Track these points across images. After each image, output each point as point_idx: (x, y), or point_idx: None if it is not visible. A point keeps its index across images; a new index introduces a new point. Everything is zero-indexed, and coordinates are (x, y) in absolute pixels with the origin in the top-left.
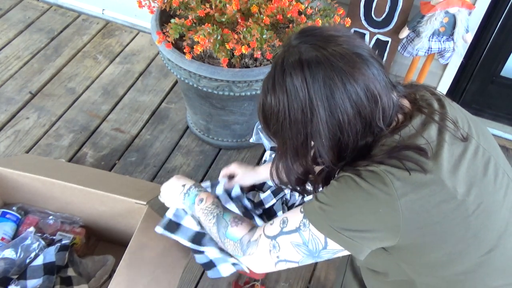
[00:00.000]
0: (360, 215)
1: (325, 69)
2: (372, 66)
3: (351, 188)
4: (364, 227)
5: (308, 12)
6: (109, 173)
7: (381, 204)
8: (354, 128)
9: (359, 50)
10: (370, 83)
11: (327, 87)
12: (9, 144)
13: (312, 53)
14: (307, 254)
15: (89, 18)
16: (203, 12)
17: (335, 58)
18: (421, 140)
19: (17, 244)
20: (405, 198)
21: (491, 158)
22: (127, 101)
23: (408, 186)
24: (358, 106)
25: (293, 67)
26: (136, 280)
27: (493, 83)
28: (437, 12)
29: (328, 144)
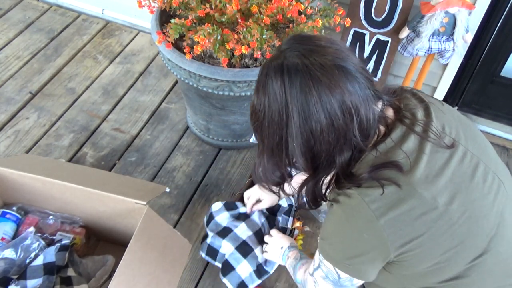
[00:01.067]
0: (350, 243)
1: (303, 77)
2: (353, 80)
3: (336, 220)
4: (357, 252)
5: (308, 12)
6: (109, 173)
7: (363, 229)
8: (327, 137)
9: (344, 63)
10: (347, 97)
11: (303, 94)
12: (9, 144)
13: (294, 60)
14: (334, 284)
15: (89, 18)
16: (203, 12)
17: (315, 68)
18: (399, 153)
19: (17, 244)
20: (384, 218)
21: (479, 163)
22: (127, 101)
23: (385, 206)
24: (331, 117)
25: (275, 71)
26: (136, 280)
27: (493, 83)
28: (437, 12)
29: (301, 149)
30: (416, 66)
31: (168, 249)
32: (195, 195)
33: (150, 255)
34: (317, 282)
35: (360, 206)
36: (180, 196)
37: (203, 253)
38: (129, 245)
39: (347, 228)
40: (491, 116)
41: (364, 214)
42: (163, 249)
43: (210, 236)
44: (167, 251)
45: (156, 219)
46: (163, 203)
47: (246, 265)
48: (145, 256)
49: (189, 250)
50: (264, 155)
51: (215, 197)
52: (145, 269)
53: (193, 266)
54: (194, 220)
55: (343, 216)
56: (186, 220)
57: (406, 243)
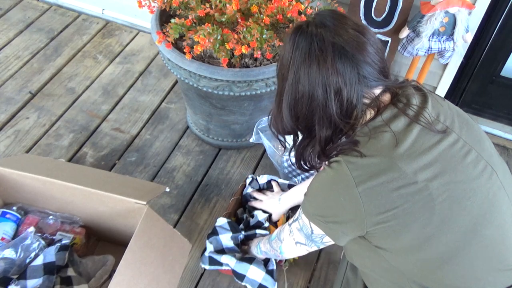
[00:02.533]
0: (327, 203)
1: (306, 44)
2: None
3: (320, 179)
4: (332, 213)
5: (308, 12)
6: (109, 173)
7: (341, 193)
8: (307, 105)
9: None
10: (331, 76)
11: (300, 59)
12: (9, 144)
13: (309, 28)
14: (306, 237)
15: (89, 18)
16: (203, 12)
17: (317, 40)
18: (387, 130)
19: (17, 244)
20: (363, 186)
21: (471, 150)
22: (127, 101)
23: (366, 175)
24: (313, 89)
25: (293, 31)
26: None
27: (493, 83)
28: (437, 12)
29: (288, 105)
30: (416, 66)
31: (168, 249)
32: (195, 195)
33: (150, 255)
34: (292, 232)
35: (343, 171)
36: (180, 196)
37: (206, 265)
38: (129, 245)
39: (327, 188)
40: (491, 116)
41: (345, 179)
42: (163, 249)
43: (208, 250)
44: (167, 251)
45: (156, 219)
46: (163, 203)
47: (256, 269)
48: (145, 256)
49: (189, 250)
50: (274, 100)
51: (215, 197)
52: (145, 269)
53: (193, 266)
54: (194, 220)
55: (327, 178)
56: (186, 220)
57: (381, 213)
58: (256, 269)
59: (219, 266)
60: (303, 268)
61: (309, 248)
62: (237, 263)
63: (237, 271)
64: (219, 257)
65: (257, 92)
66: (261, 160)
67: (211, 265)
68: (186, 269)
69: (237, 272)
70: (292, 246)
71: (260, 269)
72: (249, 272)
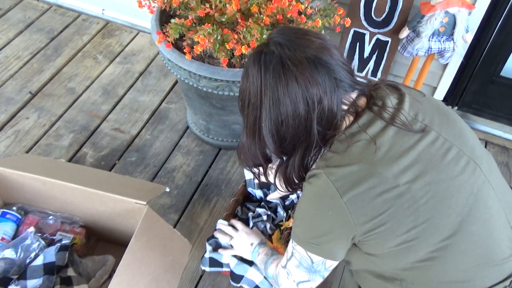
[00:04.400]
0: (316, 222)
1: (275, 65)
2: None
3: (305, 200)
4: (323, 230)
5: (308, 12)
6: (109, 173)
7: (328, 207)
8: (292, 123)
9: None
10: (311, 87)
11: (274, 80)
12: (9, 144)
13: (273, 48)
14: (307, 271)
15: (89, 18)
16: (203, 12)
17: (287, 57)
18: (364, 136)
19: (17, 244)
20: (347, 195)
21: (452, 147)
22: (127, 101)
23: (348, 184)
24: (295, 104)
25: (255, 57)
26: (136, 280)
27: (493, 83)
28: (437, 12)
29: (270, 131)
30: (416, 66)
31: (168, 249)
32: (195, 195)
33: (150, 255)
34: (290, 273)
35: (326, 184)
36: (180, 196)
37: (207, 267)
38: (129, 245)
39: (313, 206)
40: (491, 116)
41: (329, 192)
42: (163, 249)
43: (208, 251)
44: (167, 251)
45: (156, 219)
46: (163, 203)
47: (255, 272)
48: (145, 256)
49: (189, 250)
50: (244, 134)
51: (215, 197)
52: (145, 269)
53: (193, 267)
54: (194, 220)
55: (310, 195)
56: (186, 220)
57: (369, 221)
58: (255, 272)
59: (219, 268)
60: None
61: (313, 283)
62: (238, 263)
63: (236, 273)
64: (220, 257)
65: None
66: None
67: (212, 267)
68: (186, 269)
69: (236, 273)
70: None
71: (259, 272)
72: (248, 273)
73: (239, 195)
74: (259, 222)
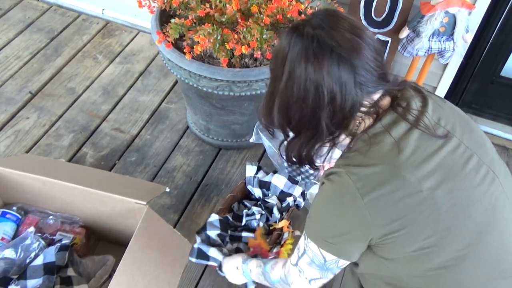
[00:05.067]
0: (335, 221)
1: (303, 45)
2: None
3: (323, 197)
4: (340, 231)
5: (308, 12)
6: (109, 173)
7: (347, 207)
8: (300, 107)
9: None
10: (326, 81)
11: (296, 60)
12: (9, 144)
13: (308, 27)
14: (320, 269)
15: (89, 18)
16: (203, 12)
17: (315, 43)
18: (388, 137)
19: (17, 244)
20: (368, 197)
21: (473, 155)
22: (127, 101)
23: (370, 185)
24: (306, 91)
25: (291, 30)
26: (136, 280)
27: (493, 83)
28: (437, 12)
29: (279, 106)
30: (416, 66)
31: (168, 249)
32: (195, 195)
33: (150, 255)
34: (302, 271)
35: (346, 182)
36: (180, 196)
37: (194, 258)
38: (129, 245)
39: (332, 204)
40: (491, 116)
41: (350, 192)
42: (163, 249)
43: (197, 242)
44: (167, 251)
45: (156, 219)
46: (163, 203)
47: None
48: (145, 256)
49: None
50: (265, 98)
51: (215, 197)
52: (145, 269)
53: (193, 266)
54: (194, 220)
55: (330, 193)
56: (186, 220)
57: (388, 224)
58: None
59: (205, 261)
60: None
61: (324, 280)
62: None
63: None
64: (208, 250)
65: (257, 92)
66: (261, 160)
67: (198, 259)
68: (186, 269)
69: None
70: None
71: None
72: None
73: (238, 192)
74: (252, 221)
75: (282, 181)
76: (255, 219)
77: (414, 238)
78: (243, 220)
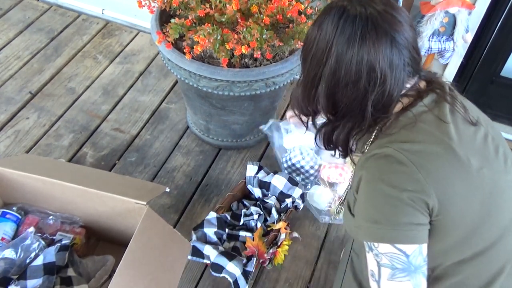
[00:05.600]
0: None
1: (354, 28)
2: (396, 52)
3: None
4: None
5: (308, 12)
6: (109, 173)
7: (406, 182)
8: (349, 91)
9: (397, 34)
10: (380, 64)
11: (346, 44)
12: (9, 144)
13: (358, 8)
14: (407, 273)
15: (89, 18)
16: (203, 12)
17: (369, 25)
18: (431, 115)
19: (17, 244)
20: (425, 170)
21: (500, 145)
22: (127, 101)
23: (424, 158)
24: (358, 75)
25: (335, 12)
26: (136, 280)
27: (493, 83)
28: (437, 12)
29: (326, 92)
30: None
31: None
32: (195, 195)
33: (150, 255)
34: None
35: (400, 158)
36: (180, 196)
37: (188, 255)
38: (129, 245)
39: (390, 185)
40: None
41: (406, 169)
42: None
43: (193, 240)
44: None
45: (156, 219)
46: (163, 203)
47: (233, 266)
48: (145, 256)
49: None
50: (301, 85)
51: (215, 197)
52: (145, 269)
53: (193, 266)
54: (194, 220)
55: (383, 175)
56: (186, 220)
57: (444, 200)
58: (234, 267)
59: (200, 259)
60: (303, 268)
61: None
62: (218, 256)
63: (217, 263)
64: (202, 247)
65: (257, 92)
66: (261, 160)
67: (193, 256)
68: (186, 269)
69: (217, 264)
70: None
71: (238, 268)
72: (228, 266)
73: (237, 191)
74: (250, 221)
75: (282, 182)
76: (253, 219)
77: (463, 219)
78: (241, 219)
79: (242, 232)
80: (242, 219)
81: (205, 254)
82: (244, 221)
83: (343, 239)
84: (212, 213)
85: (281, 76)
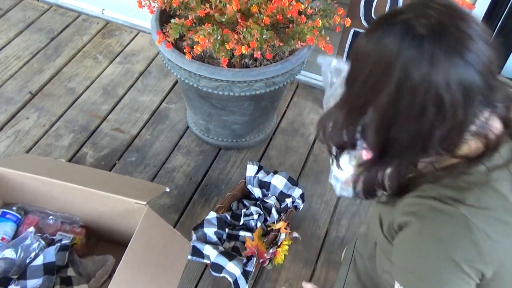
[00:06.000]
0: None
1: (420, 48)
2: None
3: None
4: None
5: (308, 12)
6: (109, 173)
7: (470, 253)
8: (410, 127)
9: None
10: (452, 92)
11: (415, 62)
12: (9, 144)
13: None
14: None
15: (89, 18)
16: (203, 12)
17: (439, 41)
18: (508, 174)
19: (17, 244)
20: (492, 240)
21: None
22: (127, 101)
23: (493, 227)
24: (423, 107)
25: (399, 28)
26: (136, 280)
27: None
28: None
29: (378, 123)
30: None
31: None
32: (195, 195)
33: (150, 255)
34: None
35: (470, 226)
36: (180, 196)
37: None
38: (129, 245)
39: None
40: None
41: (474, 236)
42: (163, 249)
43: (193, 240)
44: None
45: (156, 219)
46: (163, 203)
47: (233, 266)
48: (145, 256)
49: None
50: (341, 108)
51: (215, 197)
52: (145, 269)
53: (193, 266)
54: (194, 220)
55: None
56: (186, 220)
57: (501, 271)
58: (234, 267)
59: (200, 259)
60: (303, 268)
61: None
62: (218, 256)
63: (217, 263)
64: (202, 247)
65: (257, 92)
66: (261, 160)
67: (193, 256)
68: (186, 269)
69: (217, 263)
70: None
71: (238, 268)
72: (228, 266)
73: (237, 191)
74: (250, 221)
75: (282, 182)
76: (253, 219)
77: None
78: (241, 219)
79: (242, 232)
80: (242, 219)
81: (205, 254)
82: (244, 221)
83: (343, 239)
84: (212, 213)
85: (281, 76)
